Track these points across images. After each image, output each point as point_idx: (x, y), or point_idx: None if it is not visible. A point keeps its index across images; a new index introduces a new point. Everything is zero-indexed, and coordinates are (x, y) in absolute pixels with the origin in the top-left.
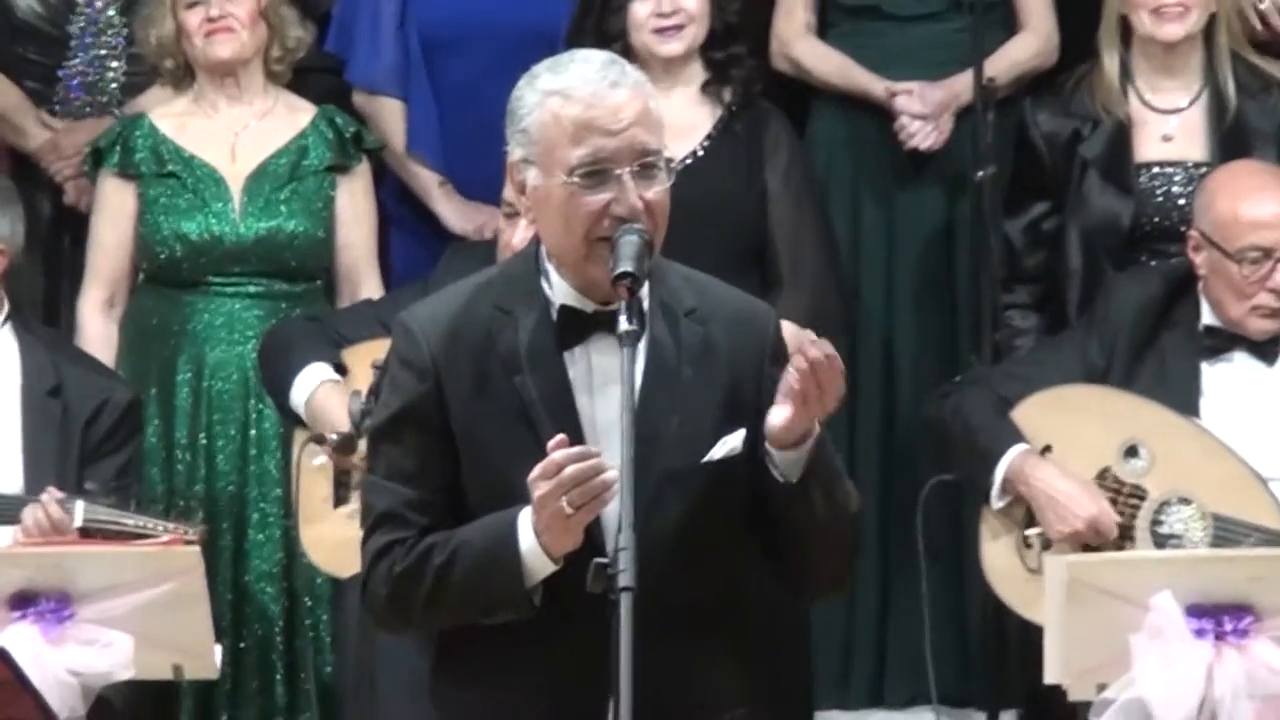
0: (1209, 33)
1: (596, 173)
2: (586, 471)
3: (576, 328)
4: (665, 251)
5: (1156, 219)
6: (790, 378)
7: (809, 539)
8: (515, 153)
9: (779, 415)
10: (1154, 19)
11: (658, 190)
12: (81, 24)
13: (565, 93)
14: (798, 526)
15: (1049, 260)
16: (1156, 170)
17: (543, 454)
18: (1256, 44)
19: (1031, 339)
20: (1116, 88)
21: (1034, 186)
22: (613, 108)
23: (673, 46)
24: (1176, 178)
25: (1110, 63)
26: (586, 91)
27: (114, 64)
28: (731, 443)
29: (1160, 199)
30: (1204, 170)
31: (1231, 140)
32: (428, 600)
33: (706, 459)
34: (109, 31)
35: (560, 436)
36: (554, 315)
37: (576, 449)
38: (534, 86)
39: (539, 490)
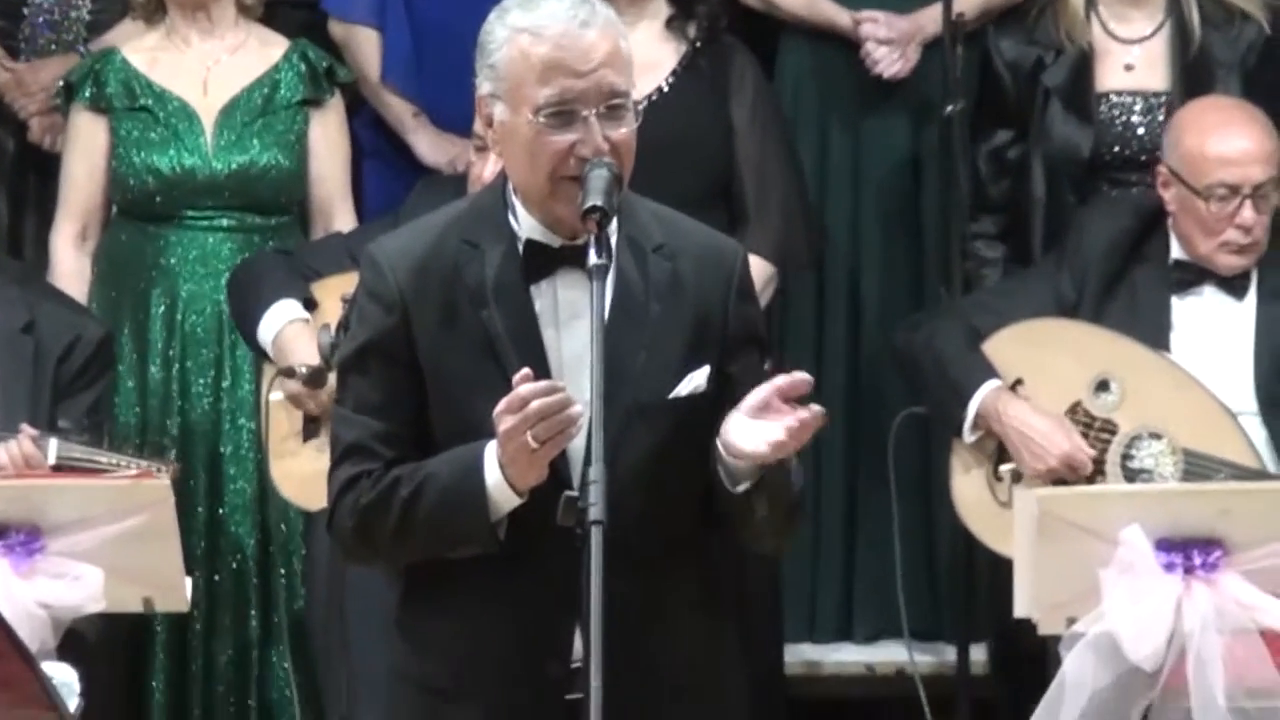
0: None
1: (563, 113)
2: (552, 406)
3: (543, 262)
4: (633, 187)
5: (1116, 148)
6: (782, 432)
7: (746, 527)
8: (483, 87)
9: (749, 440)
10: None
11: (624, 131)
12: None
13: (535, 30)
14: (735, 517)
15: (1014, 189)
16: (1116, 99)
17: (508, 387)
18: None
19: (998, 269)
20: (1081, 16)
21: (998, 115)
22: (583, 49)
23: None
24: (1136, 107)
25: None
26: (556, 30)
27: (79, 1)
28: (697, 380)
29: (1120, 128)
30: (1164, 100)
31: (1194, 71)
32: (394, 533)
33: (673, 395)
34: None
35: (526, 371)
36: (520, 249)
37: (543, 383)
38: (504, 22)
39: (504, 424)
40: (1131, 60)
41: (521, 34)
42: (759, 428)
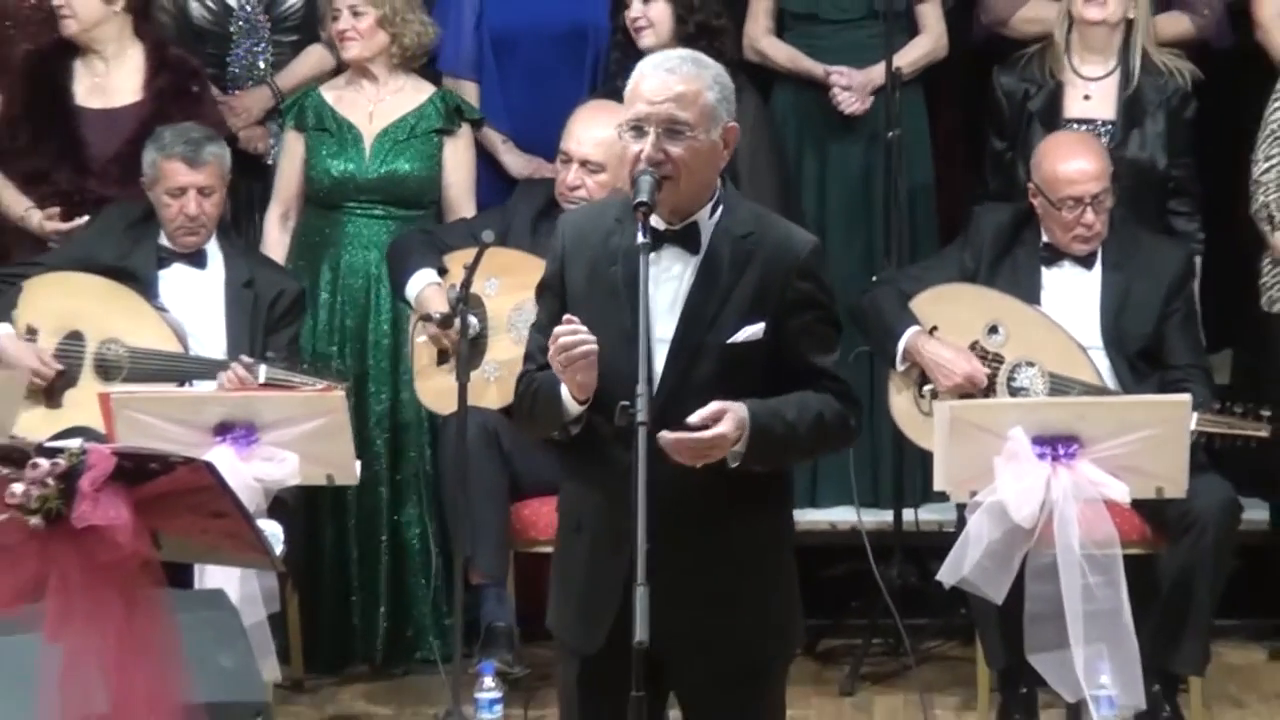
0: (1129, 27)
1: (636, 128)
2: (570, 343)
3: (655, 238)
4: None
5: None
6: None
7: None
8: None
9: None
10: (1084, 5)
11: (679, 148)
12: (238, 25)
13: (639, 71)
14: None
15: (1006, 182)
16: (1076, 124)
17: (620, 323)
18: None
19: None
20: (1061, 57)
21: (997, 130)
22: (658, 86)
23: (645, 42)
24: (1088, 129)
25: (1059, 37)
26: (648, 70)
27: (261, 50)
28: (751, 330)
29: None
30: (1110, 125)
31: (1131, 105)
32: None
33: (731, 340)
34: (258, 28)
35: (567, 315)
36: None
37: (568, 326)
38: (647, 64)
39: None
40: (1090, 93)
41: (636, 72)
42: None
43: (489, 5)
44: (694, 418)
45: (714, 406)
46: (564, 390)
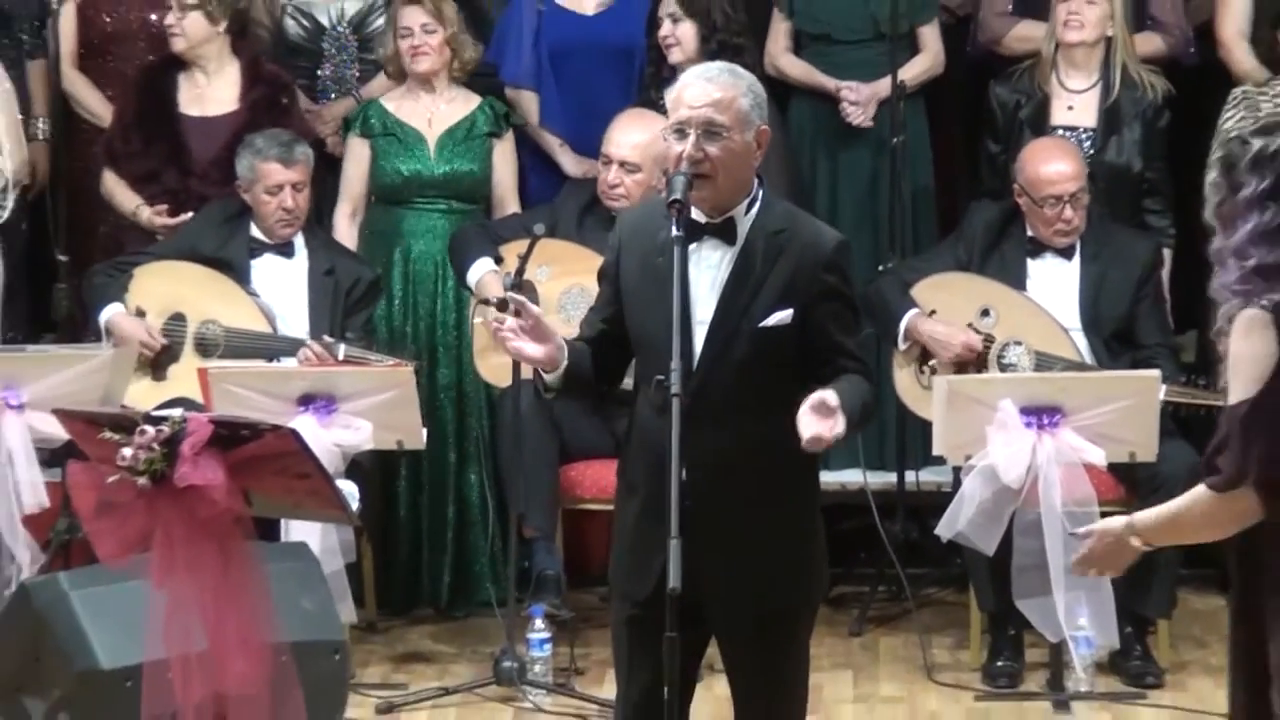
0: (1110, 45)
1: (678, 130)
2: (495, 328)
3: (696, 230)
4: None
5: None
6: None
7: None
8: None
9: (801, 429)
10: (1064, 28)
11: (716, 149)
12: (329, 42)
13: (682, 80)
14: None
15: (1001, 181)
16: (1062, 130)
17: (666, 307)
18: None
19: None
20: (1049, 72)
21: (993, 135)
22: (698, 92)
23: (674, 58)
24: (1073, 135)
25: (1047, 53)
26: (690, 79)
27: (350, 65)
28: (780, 316)
29: None
30: (1091, 132)
31: (1109, 115)
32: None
33: (762, 324)
34: (347, 46)
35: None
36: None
37: (501, 315)
38: (689, 75)
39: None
40: (1073, 104)
41: (680, 82)
42: (807, 422)
43: (546, 23)
44: (812, 406)
45: (826, 402)
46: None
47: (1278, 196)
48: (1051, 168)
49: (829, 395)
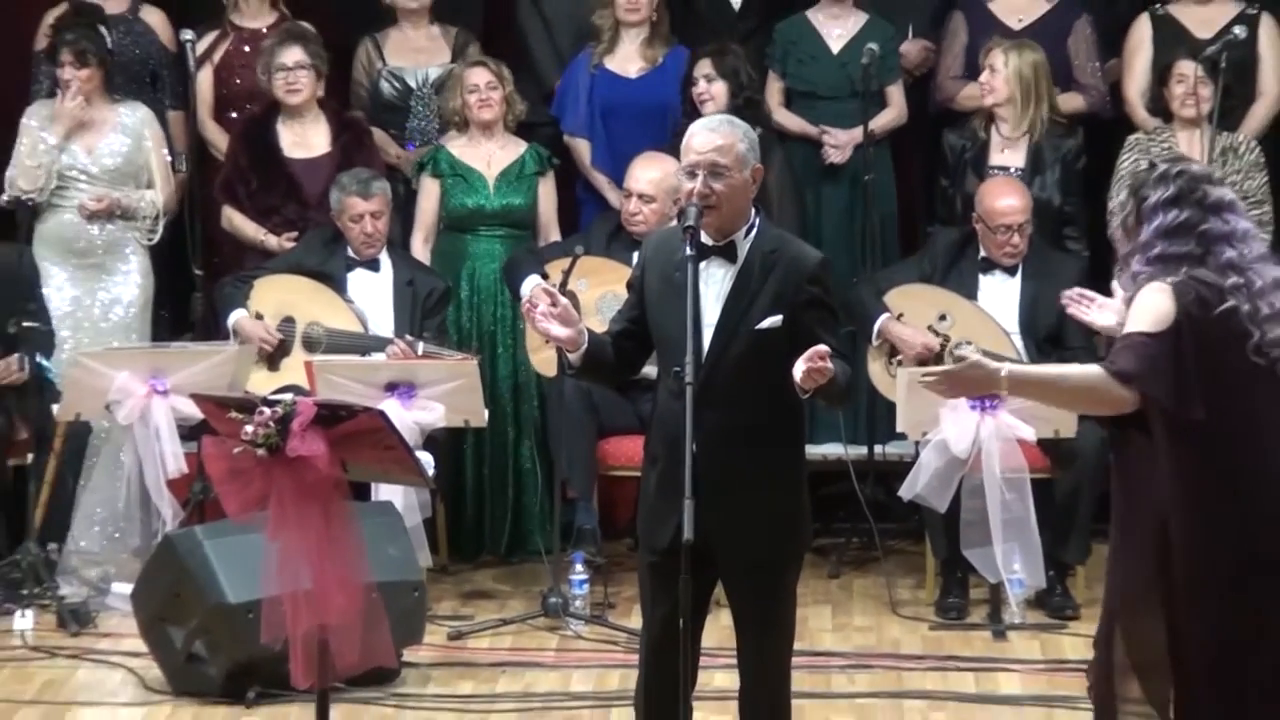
0: (1037, 103)
1: (690, 172)
2: (529, 311)
3: (705, 251)
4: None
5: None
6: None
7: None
8: None
9: (797, 377)
10: (985, 94)
11: (720, 185)
12: (415, 100)
13: (691, 130)
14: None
15: (949, 210)
16: (996, 170)
17: (681, 312)
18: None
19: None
20: (987, 123)
21: (945, 173)
22: (704, 140)
23: (707, 110)
24: (1005, 174)
25: (985, 109)
26: (697, 130)
27: (432, 120)
28: (773, 321)
29: None
30: (1021, 171)
31: (1034, 157)
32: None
33: (759, 326)
34: (429, 103)
35: (549, 292)
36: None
37: (545, 301)
38: (698, 126)
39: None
40: (1006, 148)
41: (689, 132)
42: (800, 366)
43: (598, 85)
44: (812, 354)
45: (822, 350)
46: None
47: (1178, 203)
48: (1004, 202)
49: (821, 347)
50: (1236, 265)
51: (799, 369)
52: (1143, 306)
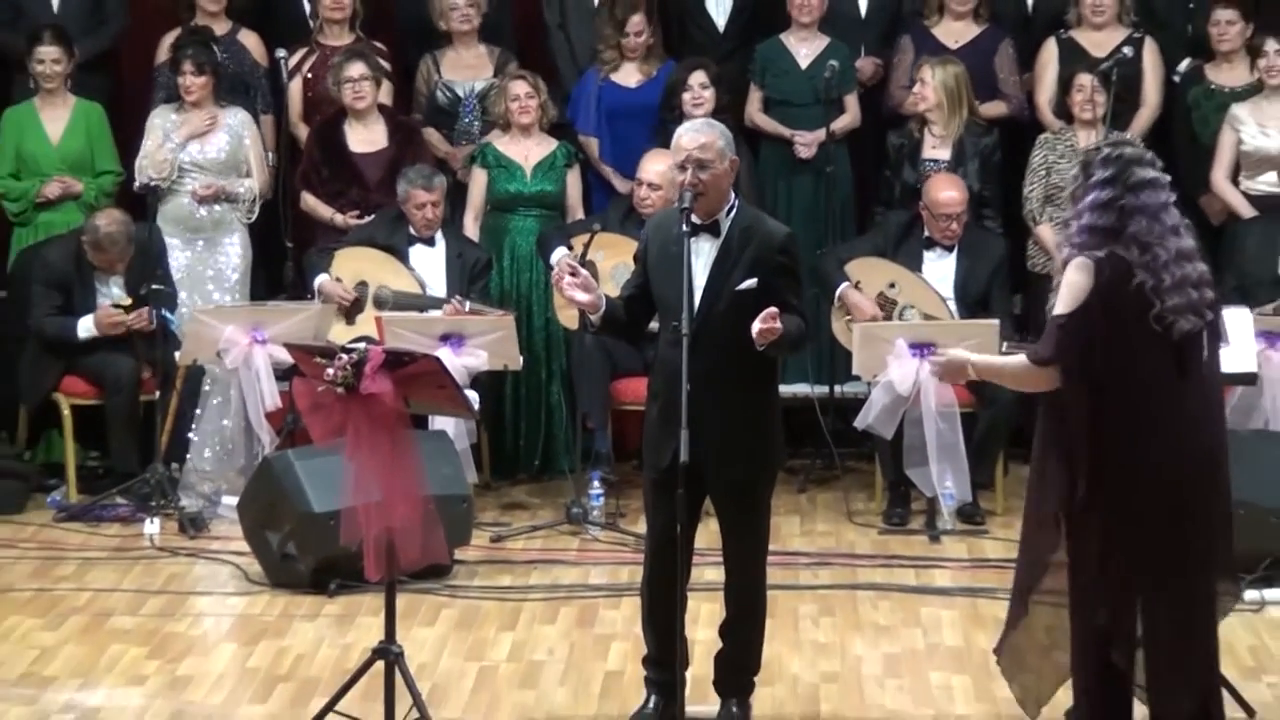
0: (960, 106)
1: (681, 165)
2: (559, 280)
3: (695, 228)
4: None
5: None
6: (763, 327)
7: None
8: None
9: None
10: (914, 100)
11: (707, 175)
12: (462, 107)
13: (679, 132)
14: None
15: (889, 195)
16: (929, 163)
17: (677, 277)
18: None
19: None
20: (920, 124)
21: (889, 167)
22: (690, 139)
23: (698, 112)
24: (934, 167)
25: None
26: (684, 131)
27: (477, 124)
28: (749, 283)
29: (929, 175)
30: (946, 163)
31: (957, 151)
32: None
33: (739, 288)
34: (474, 111)
35: (584, 273)
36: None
37: (571, 276)
38: (685, 126)
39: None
40: (935, 145)
41: (677, 134)
42: (757, 325)
43: (604, 93)
44: (764, 316)
45: (772, 312)
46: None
47: (1114, 182)
48: (946, 194)
49: (771, 309)
50: (1143, 239)
51: (755, 328)
52: (1065, 286)
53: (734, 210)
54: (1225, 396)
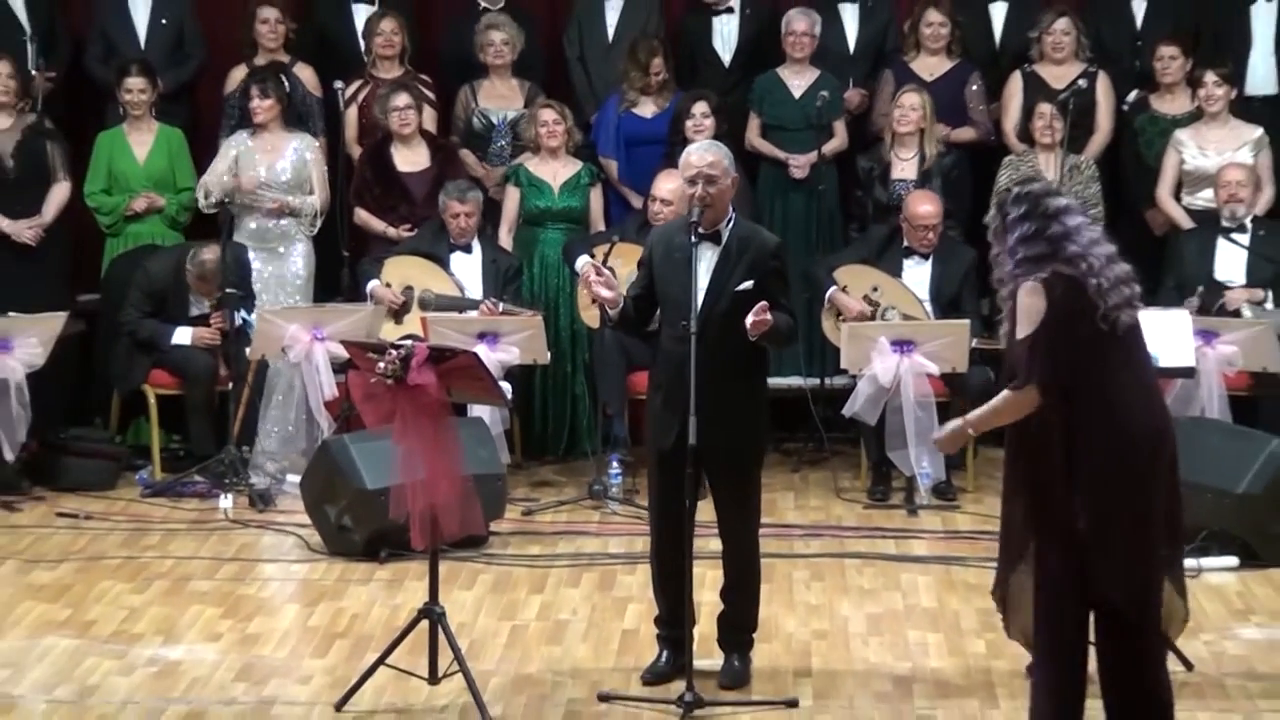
0: (924, 133)
1: (691, 180)
2: (589, 281)
3: (700, 237)
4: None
5: (895, 202)
6: (756, 319)
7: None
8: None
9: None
10: (896, 124)
11: (714, 189)
12: (495, 133)
13: (688, 152)
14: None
15: (863, 212)
16: (899, 183)
17: (680, 280)
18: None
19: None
20: (890, 147)
21: (859, 187)
22: (699, 157)
23: (700, 138)
24: (904, 187)
25: (888, 137)
26: (693, 150)
27: (508, 147)
28: (746, 285)
29: (898, 195)
30: (914, 182)
31: (925, 174)
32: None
33: (736, 289)
34: (506, 137)
35: (607, 275)
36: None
37: (600, 279)
38: (692, 148)
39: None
40: (903, 164)
41: (687, 153)
42: (750, 317)
43: (624, 122)
44: (757, 309)
45: (764, 305)
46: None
47: (1030, 216)
48: (923, 209)
49: (762, 303)
50: (1079, 255)
51: (748, 321)
52: (1022, 310)
53: (732, 222)
54: (1168, 388)
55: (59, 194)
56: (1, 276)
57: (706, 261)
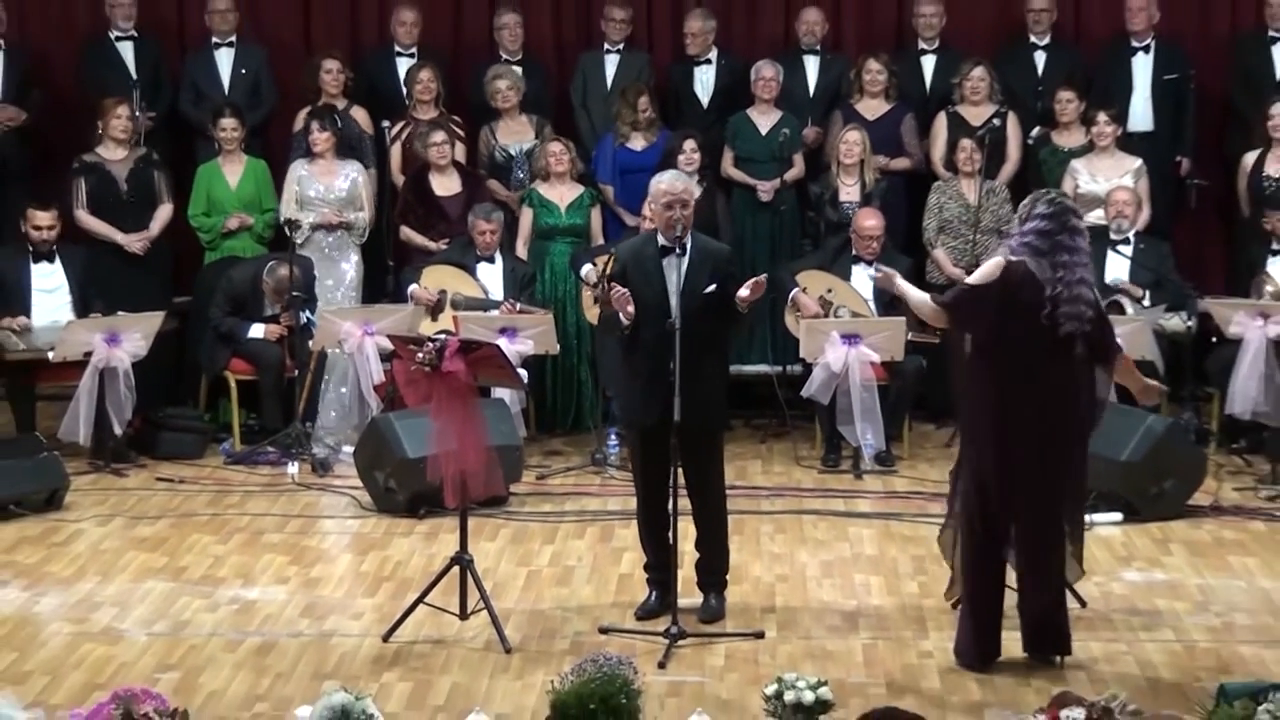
0: (864, 163)
1: (667, 204)
2: (615, 297)
3: (669, 251)
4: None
5: (845, 220)
6: (749, 291)
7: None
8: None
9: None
10: (842, 156)
11: (689, 211)
12: (514, 164)
13: (663, 179)
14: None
15: (815, 231)
16: (846, 204)
17: (651, 288)
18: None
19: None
20: (836, 174)
21: (810, 209)
22: (674, 185)
23: (688, 169)
24: (850, 208)
25: (834, 166)
26: (667, 178)
27: (525, 175)
28: (711, 287)
29: (848, 213)
30: (857, 204)
31: (866, 197)
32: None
33: (705, 291)
34: (523, 165)
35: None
36: (659, 245)
37: (619, 291)
38: (663, 177)
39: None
40: (848, 189)
41: (663, 180)
42: (742, 292)
43: (619, 155)
44: (754, 285)
45: (760, 281)
46: (621, 316)
47: (1053, 219)
48: (869, 223)
49: (762, 277)
50: (1061, 266)
51: (742, 294)
52: (985, 265)
53: (690, 235)
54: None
55: (163, 214)
56: (113, 281)
57: (677, 270)
